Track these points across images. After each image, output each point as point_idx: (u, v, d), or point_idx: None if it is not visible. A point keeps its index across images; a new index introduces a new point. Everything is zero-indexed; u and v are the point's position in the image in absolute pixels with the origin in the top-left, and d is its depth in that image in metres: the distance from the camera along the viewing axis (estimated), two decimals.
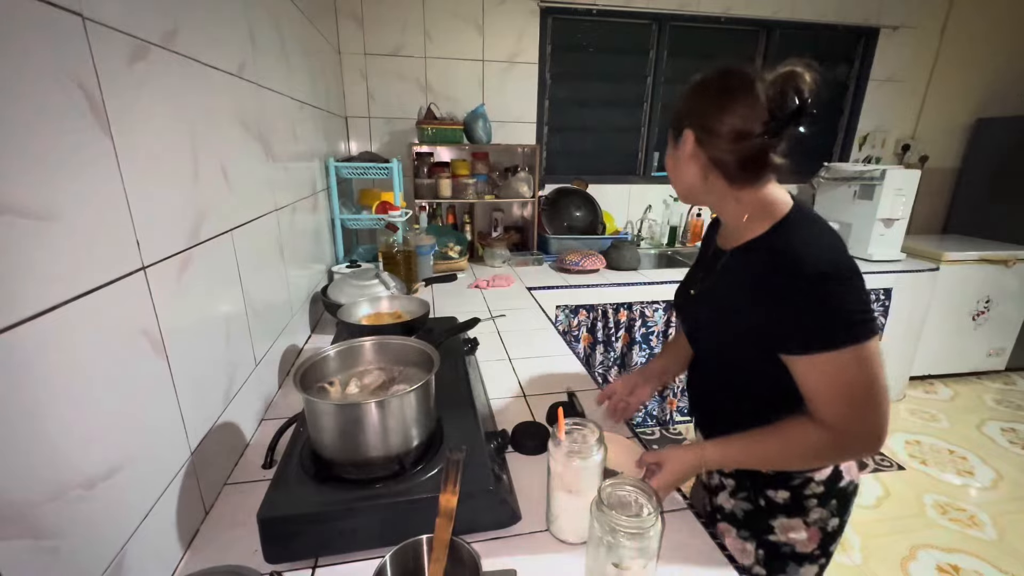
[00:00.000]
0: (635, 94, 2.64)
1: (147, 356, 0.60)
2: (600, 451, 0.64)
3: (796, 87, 0.63)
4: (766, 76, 0.65)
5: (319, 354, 0.74)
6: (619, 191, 2.71)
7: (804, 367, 0.66)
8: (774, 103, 0.63)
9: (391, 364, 0.81)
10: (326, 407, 0.64)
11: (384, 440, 0.66)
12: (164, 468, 0.63)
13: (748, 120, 0.65)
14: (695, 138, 0.70)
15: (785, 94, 0.63)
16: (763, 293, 0.67)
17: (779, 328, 0.66)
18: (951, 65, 2.85)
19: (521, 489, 0.77)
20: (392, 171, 1.86)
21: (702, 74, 0.71)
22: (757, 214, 0.71)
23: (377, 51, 2.25)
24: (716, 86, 0.69)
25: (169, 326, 0.65)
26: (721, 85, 0.68)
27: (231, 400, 0.84)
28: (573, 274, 2.17)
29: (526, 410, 1.03)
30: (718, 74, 0.69)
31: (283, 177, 1.23)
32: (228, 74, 0.90)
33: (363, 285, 1.36)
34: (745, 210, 0.72)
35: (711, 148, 0.69)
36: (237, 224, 0.90)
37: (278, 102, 1.22)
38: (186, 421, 0.68)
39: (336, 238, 1.82)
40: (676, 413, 2.28)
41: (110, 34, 0.56)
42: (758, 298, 0.68)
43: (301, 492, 0.64)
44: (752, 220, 0.72)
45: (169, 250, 0.66)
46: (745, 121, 0.65)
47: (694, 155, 0.71)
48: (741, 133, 0.66)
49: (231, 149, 0.89)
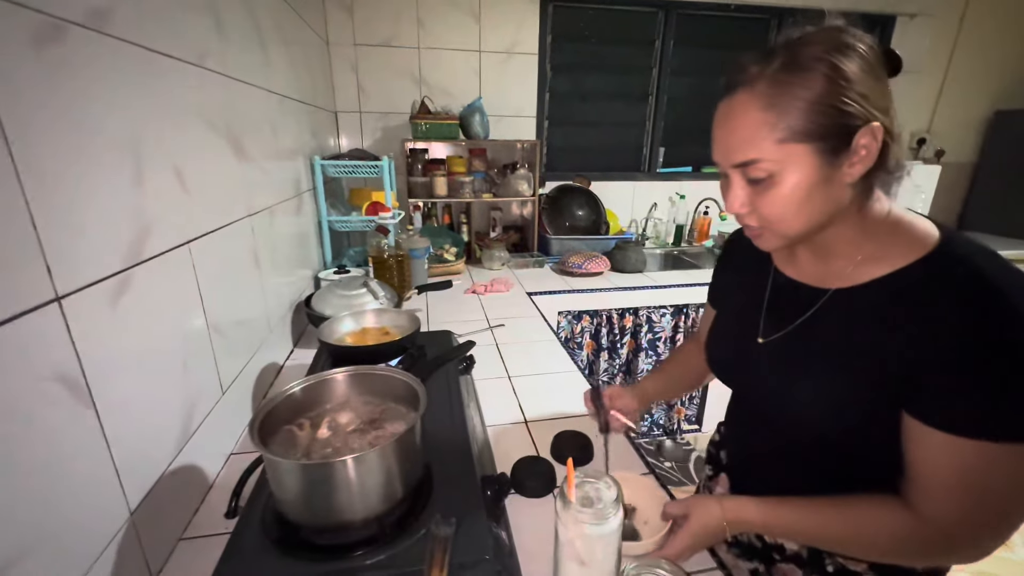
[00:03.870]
0: (640, 86, 2.51)
1: (63, 406, 0.49)
2: (618, 513, 0.53)
3: (888, 52, 0.51)
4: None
5: (282, 393, 0.63)
6: (623, 189, 2.59)
7: (939, 447, 0.49)
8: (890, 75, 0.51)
9: (372, 399, 0.70)
10: (289, 467, 0.53)
11: (362, 501, 0.55)
12: (88, 541, 0.52)
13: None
14: (884, 135, 0.50)
15: (893, 59, 0.51)
16: (928, 341, 0.48)
17: (931, 393, 0.49)
18: (970, 55, 2.73)
19: (522, 544, 0.66)
20: (383, 169, 1.74)
21: (849, 42, 0.50)
22: (890, 233, 0.55)
23: (368, 41, 2.13)
24: (873, 58, 0.50)
25: (97, 365, 0.53)
26: (875, 58, 0.50)
27: (189, 438, 0.73)
28: (576, 277, 2.06)
29: (527, 440, 0.92)
30: (865, 44, 0.50)
31: (260, 178, 1.12)
32: (186, 63, 0.78)
33: (349, 295, 1.25)
34: (869, 235, 0.56)
35: (887, 149, 0.51)
36: (197, 235, 0.79)
37: (253, 96, 1.10)
38: (123, 477, 0.57)
39: (324, 241, 1.71)
40: (684, 422, 2.18)
41: (7, 9, 0.44)
42: (919, 350, 0.49)
43: (259, 565, 0.54)
44: (882, 243, 0.55)
45: (98, 273, 0.55)
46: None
47: (861, 162, 0.50)
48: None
49: (189, 149, 0.78)
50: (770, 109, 0.50)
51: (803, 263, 0.65)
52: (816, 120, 0.49)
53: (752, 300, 0.69)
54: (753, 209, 0.56)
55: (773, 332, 0.64)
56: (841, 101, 0.49)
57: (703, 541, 0.62)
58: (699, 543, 0.62)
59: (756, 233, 0.59)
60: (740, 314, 0.71)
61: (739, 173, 0.55)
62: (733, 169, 0.55)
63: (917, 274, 0.52)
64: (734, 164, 0.54)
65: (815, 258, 0.62)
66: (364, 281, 1.29)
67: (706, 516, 0.61)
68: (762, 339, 0.65)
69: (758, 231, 0.58)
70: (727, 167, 0.56)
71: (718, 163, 0.57)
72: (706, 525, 0.61)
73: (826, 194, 0.52)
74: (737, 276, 0.77)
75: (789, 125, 0.50)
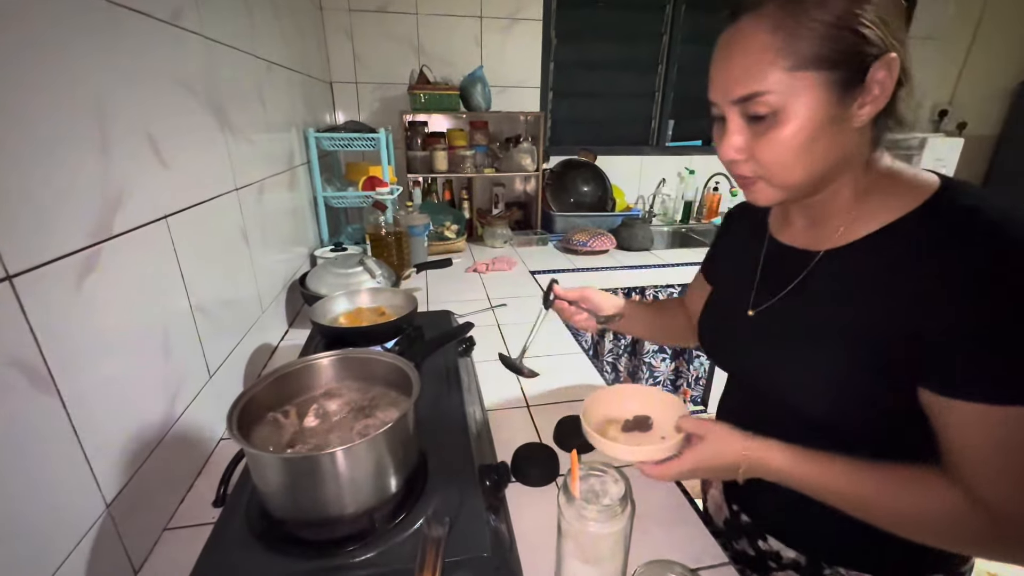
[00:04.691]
0: (649, 55, 2.40)
1: (23, 395, 0.45)
2: (627, 511, 0.49)
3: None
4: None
5: (264, 380, 0.58)
6: (630, 163, 2.51)
7: (968, 421, 0.43)
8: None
9: (362, 384, 0.65)
10: (270, 460, 0.49)
11: (351, 495, 0.51)
12: (56, 537, 0.48)
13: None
14: (900, 68, 0.44)
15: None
16: (933, 298, 0.43)
17: (945, 359, 0.43)
18: (997, 23, 2.58)
19: (523, 536, 0.63)
20: (379, 142, 1.67)
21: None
22: (886, 188, 0.50)
23: (363, 7, 2.02)
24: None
25: (60, 349, 0.49)
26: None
27: (173, 424, 0.69)
28: (580, 255, 2.00)
29: (529, 425, 0.89)
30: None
31: (247, 150, 1.06)
32: (158, 21, 0.72)
33: (345, 273, 1.20)
34: (868, 192, 0.51)
35: (897, 93, 0.46)
36: (176, 209, 0.74)
37: (237, 61, 1.03)
38: (96, 467, 0.53)
39: (320, 218, 1.65)
40: (690, 403, 2.15)
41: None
42: (924, 308, 0.44)
43: (241, 561, 0.50)
44: (877, 198, 0.51)
45: (59, 250, 0.50)
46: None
47: (874, 102, 0.45)
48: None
49: (164, 116, 0.72)
50: (779, 32, 0.44)
51: (797, 226, 0.59)
52: (831, 45, 0.43)
53: (744, 271, 0.64)
54: (750, 155, 0.50)
55: (762, 304, 0.60)
56: (860, 23, 0.43)
57: (708, 471, 0.54)
58: (702, 471, 0.54)
59: (750, 182, 0.52)
60: (731, 287, 0.67)
61: (737, 112, 0.49)
62: (732, 107, 0.49)
63: (915, 223, 0.47)
64: (735, 99, 0.48)
65: (808, 221, 0.57)
66: (360, 259, 1.24)
67: (723, 445, 0.53)
68: (752, 311, 0.60)
69: (752, 180, 0.52)
70: (725, 105, 0.50)
71: (715, 103, 0.51)
72: (720, 454, 0.53)
73: (832, 138, 0.47)
74: (733, 248, 0.72)
75: (800, 50, 0.44)
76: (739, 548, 0.70)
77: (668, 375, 2.08)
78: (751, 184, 0.52)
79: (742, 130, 0.49)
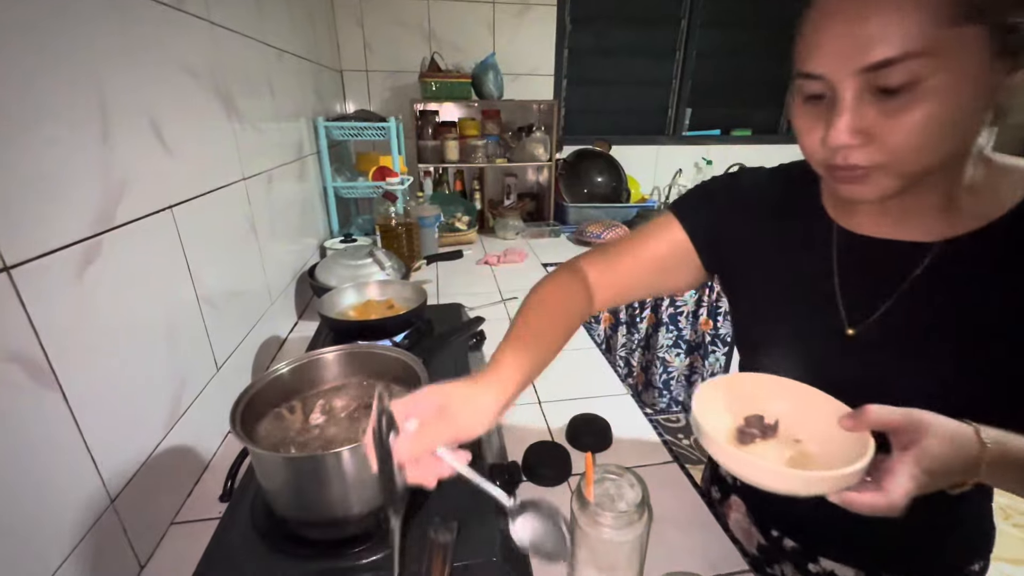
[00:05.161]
0: (667, 41, 2.33)
1: (21, 389, 0.44)
2: (644, 517, 0.47)
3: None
4: None
5: (267, 376, 0.57)
6: (646, 153, 2.45)
7: None
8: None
9: (369, 380, 0.64)
10: (274, 460, 0.48)
11: (357, 495, 0.50)
12: (60, 533, 0.47)
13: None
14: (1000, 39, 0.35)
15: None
16: None
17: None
18: None
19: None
20: (389, 131, 1.65)
21: None
22: (988, 175, 0.44)
23: None
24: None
25: (62, 342, 0.48)
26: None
27: (179, 418, 0.68)
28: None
29: (541, 422, 0.86)
30: None
31: (255, 139, 1.04)
32: (162, 5, 0.70)
33: (355, 265, 1.19)
34: (986, 169, 0.44)
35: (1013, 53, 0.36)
36: (182, 199, 0.72)
37: (245, 48, 1.01)
38: (100, 462, 0.52)
39: (330, 208, 1.64)
40: None
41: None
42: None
43: (244, 563, 0.49)
44: (991, 177, 0.44)
45: (59, 241, 0.49)
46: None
47: (979, 76, 0.36)
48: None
49: (168, 103, 0.70)
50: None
51: (881, 212, 0.48)
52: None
53: (804, 275, 0.53)
54: (870, 139, 0.39)
55: (862, 317, 0.49)
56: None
57: (944, 475, 0.37)
58: (939, 476, 0.37)
59: (860, 175, 0.41)
60: (799, 294, 0.54)
61: (862, 83, 0.37)
62: (854, 78, 0.37)
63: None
64: (867, 65, 0.36)
65: (905, 206, 0.46)
66: (370, 251, 1.23)
67: (957, 436, 0.37)
68: (852, 329, 0.50)
69: (864, 172, 0.40)
70: (843, 77, 0.38)
71: (821, 75, 0.39)
72: (961, 449, 0.37)
73: (975, 116, 0.38)
74: (759, 240, 0.57)
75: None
76: (774, 573, 0.65)
77: (683, 371, 2.04)
78: (861, 177, 0.41)
79: (867, 106, 0.38)
